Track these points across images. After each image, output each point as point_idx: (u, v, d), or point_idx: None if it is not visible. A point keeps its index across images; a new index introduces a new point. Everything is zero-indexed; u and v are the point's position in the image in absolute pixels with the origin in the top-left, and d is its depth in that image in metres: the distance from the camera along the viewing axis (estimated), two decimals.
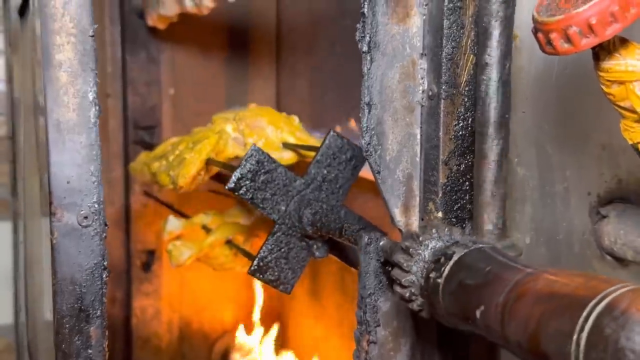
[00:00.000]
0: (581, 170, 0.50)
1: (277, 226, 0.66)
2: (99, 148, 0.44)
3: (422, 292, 0.42)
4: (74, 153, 0.43)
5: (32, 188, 0.69)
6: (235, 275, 1.49)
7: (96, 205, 0.44)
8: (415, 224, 0.50)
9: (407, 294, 0.44)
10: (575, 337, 0.30)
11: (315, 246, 0.66)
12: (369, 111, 0.48)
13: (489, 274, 0.36)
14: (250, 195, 0.64)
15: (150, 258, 1.42)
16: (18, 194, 1.19)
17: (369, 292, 0.49)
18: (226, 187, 0.63)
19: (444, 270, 0.40)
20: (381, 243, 0.49)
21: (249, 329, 1.46)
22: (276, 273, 0.66)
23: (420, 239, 0.45)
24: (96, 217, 0.44)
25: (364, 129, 0.48)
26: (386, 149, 0.49)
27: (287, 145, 0.75)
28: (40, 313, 0.54)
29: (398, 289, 0.45)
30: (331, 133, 0.64)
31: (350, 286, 1.17)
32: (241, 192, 0.63)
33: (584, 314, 0.30)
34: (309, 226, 0.62)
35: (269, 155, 0.64)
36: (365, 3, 0.48)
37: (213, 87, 1.43)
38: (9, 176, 2.43)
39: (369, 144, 0.48)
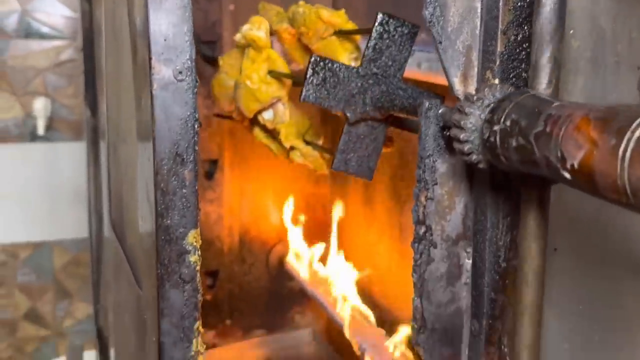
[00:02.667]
0: (632, 44, 0.53)
1: (348, 119, 0.70)
2: (190, 10, 0.50)
3: (480, 145, 0.47)
4: (170, 13, 0.49)
5: (120, 110, 0.75)
6: (292, 187, 1.56)
7: (189, 62, 0.50)
8: (472, 91, 0.54)
9: (466, 149, 0.48)
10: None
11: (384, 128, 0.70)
12: None
13: (547, 113, 0.40)
14: (322, 100, 0.67)
15: (213, 167, 1.50)
16: (98, 114, 1.27)
17: (427, 154, 0.54)
18: (301, 100, 0.67)
19: (499, 118, 0.45)
20: (440, 110, 0.54)
21: (304, 237, 1.53)
22: (357, 162, 0.71)
23: (475, 97, 0.49)
24: (189, 73, 0.50)
25: (427, 0, 0.52)
26: (448, 21, 0.53)
27: (338, 33, 0.78)
28: (134, 231, 0.61)
29: (457, 145, 0.49)
30: (380, 15, 0.66)
31: (402, 192, 1.22)
32: (311, 98, 0.67)
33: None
34: (375, 111, 0.67)
35: (328, 59, 0.68)
36: None
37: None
38: (79, 98, 2.54)
39: (432, 14, 0.52)
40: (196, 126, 0.50)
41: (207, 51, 1.43)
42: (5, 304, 2.53)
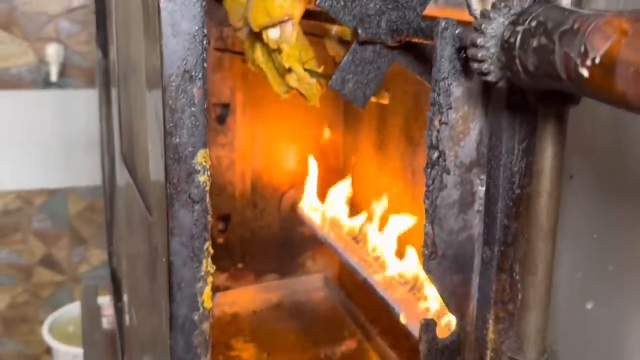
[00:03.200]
0: None
1: (357, 37, 0.68)
2: None
3: (499, 62, 0.45)
4: None
5: (129, 36, 0.74)
6: (305, 133, 1.55)
7: None
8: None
9: (484, 67, 0.47)
10: None
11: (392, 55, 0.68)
12: None
13: (578, 14, 0.38)
14: (337, 11, 0.65)
15: (224, 111, 1.49)
16: (109, 60, 1.25)
17: (442, 76, 0.53)
18: (316, 4, 0.65)
19: (525, 19, 0.43)
20: (457, 30, 0.52)
21: (315, 183, 1.53)
22: (354, 86, 0.69)
23: (492, 15, 0.47)
24: None
25: None
26: None
27: None
28: (145, 159, 0.60)
29: (475, 65, 0.48)
30: None
31: (415, 134, 1.21)
32: (326, 5, 0.65)
33: None
34: (387, 35, 0.65)
35: None
36: None
37: None
38: (91, 45, 2.51)
39: None
40: (205, 42, 0.49)
41: None
42: (21, 249, 2.57)
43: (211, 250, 0.53)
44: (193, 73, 0.49)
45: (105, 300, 1.61)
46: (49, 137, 2.53)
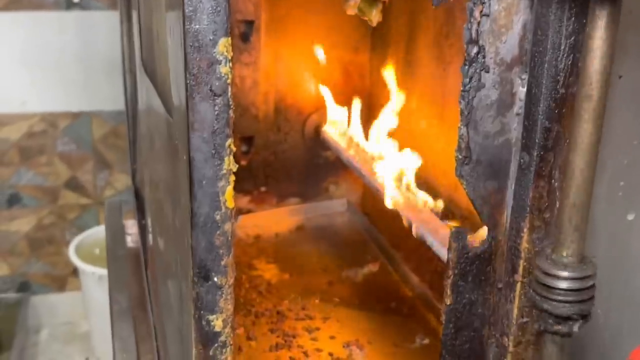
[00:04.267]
0: None
1: None
2: None
3: None
4: None
5: None
6: (330, 52, 1.51)
7: None
8: None
9: None
10: None
11: None
12: None
13: None
14: None
15: (248, 29, 1.45)
16: None
17: None
18: None
19: None
20: None
21: (339, 104, 1.49)
22: None
23: None
24: None
25: None
26: None
27: None
28: (164, 59, 0.57)
29: None
30: None
31: (446, 51, 1.16)
32: None
33: None
34: None
35: None
36: None
37: None
38: None
39: None
40: None
41: None
42: (47, 172, 2.59)
43: (233, 148, 0.51)
44: None
45: (130, 225, 1.62)
46: (72, 59, 2.51)
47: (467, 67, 0.50)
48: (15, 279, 2.66)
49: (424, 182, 1.25)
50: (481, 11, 0.49)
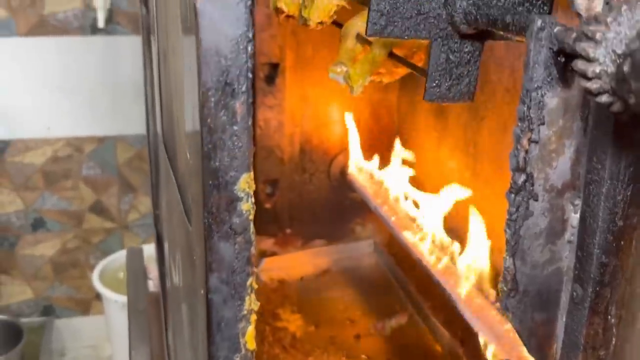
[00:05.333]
0: None
1: (432, 41, 0.60)
2: None
3: (618, 82, 0.36)
4: None
5: (167, 13, 0.66)
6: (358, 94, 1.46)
7: None
8: (599, 8, 0.42)
9: (595, 87, 0.38)
10: None
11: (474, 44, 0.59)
12: None
13: None
14: (395, 32, 0.57)
15: (273, 71, 1.41)
16: (149, 7, 1.18)
17: (535, 86, 0.43)
18: (366, 34, 0.57)
19: None
20: (556, 29, 0.42)
21: (367, 146, 1.44)
22: (452, 86, 0.60)
23: (608, 19, 0.38)
24: None
25: None
26: None
27: None
28: (183, 156, 0.54)
29: (583, 82, 0.39)
30: None
31: (481, 105, 1.11)
32: (383, 34, 0.57)
33: None
34: (463, 23, 0.56)
35: None
36: None
37: None
38: None
39: None
40: (249, 48, 0.41)
41: None
42: (72, 196, 2.58)
43: (255, 286, 0.47)
44: (236, 86, 0.41)
45: (150, 252, 1.58)
46: (97, 84, 2.49)
47: (513, 195, 0.46)
48: (39, 303, 2.66)
49: (454, 235, 1.20)
50: (529, 138, 0.44)
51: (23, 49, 2.43)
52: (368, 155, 1.43)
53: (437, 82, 0.61)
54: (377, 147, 1.42)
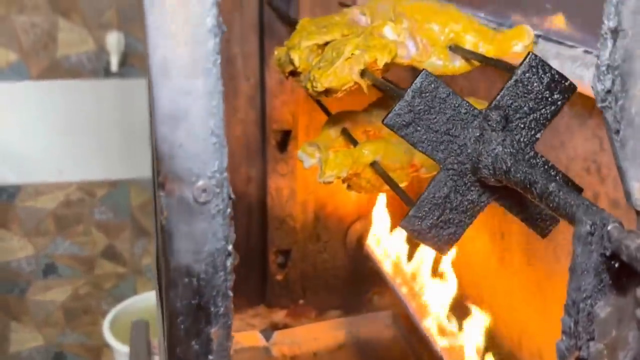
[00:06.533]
0: None
1: (443, 169, 0.52)
2: (220, 96, 0.31)
3: None
4: (187, 104, 0.31)
5: None
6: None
7: (218, 175, 0.32)
8: None
9: None
10: None
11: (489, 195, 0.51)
12: (615, 41, 0.31)
13: None
14: (413, 136, 0.50)
15: (285, 138, 1.34)
16: None
17: (584, 296, 0.35)
18: (383, 122, 0.50)
19: None
20: (609, 228, 0.34)
21: (387, 214, 1.36)
22: (435, 227, 0.53)
23: None
24: (218, 191, 0.32)
25: (603, 66, 0.31)
26: (632, 98, 0.32)
27: (457, 50, 0.58)
28: None
29: None
30: (531, 55, 0.47)
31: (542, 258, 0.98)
32: (401, 131, 0.50)
33: None
34: (487, 171, 0.48)
35: (442, 83, 0.49)
36: None
37: None
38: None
39: (608, 91, 0.32)
40: (229, 263, 0.33)
41: (283, 6, 1.23)
42: (83, 241, 2.52)
43: None
44: (211, 309, 0.33)
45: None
46: (110, 127, 2.44)
47: None
48: (50, 350, 2.60)
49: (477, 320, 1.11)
50: (577, 357, 0.36)
51: (34, 92, 2.39)
52: (389, 223, 1.34)
53: (422, 214, 0.54)
54: (397, 214, 1.33)
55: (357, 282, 1.47)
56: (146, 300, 2.46)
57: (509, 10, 0.78)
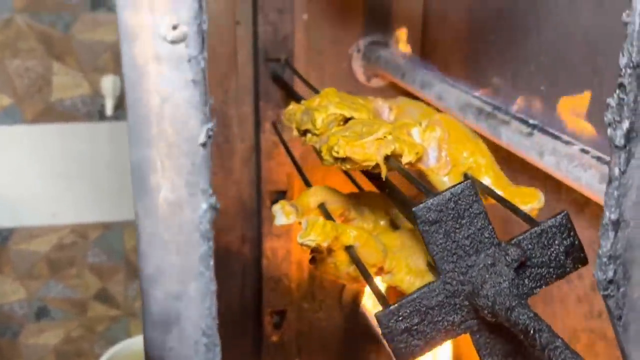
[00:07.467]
0: None
1: (441, 281, 0.51)
2: (214, 296, 0.30)
3: None
4: (178, 309, 0.29)
5: None
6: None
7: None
8: None
9: None
10: None
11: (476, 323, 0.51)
12: (616, 232, 0.31)
13: None
14: (431, 236, 0.49)
15: (280, 199, 1.33)
16: None
17: None
18: (413, 209, 0.49)
19: None
20: None
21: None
22: (407, 332, 0.51)
23: None
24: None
25: (604, 257, 0.31)
26: (635, 284, 0.32)
27: (474, 182, 0.57)
28: None
29: None
30: (566, 214, 0.47)
31: None
32: (423, 225, 0.49)
33: None
34: (485, 301, 0.47)
35: (480, 200, 0.49)
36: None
37: (350, 10, 1.25)
38: None
39: (610, 280, 0.31)
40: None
41: (278, 69, 1.24)
42: (76, 284, 2.50)
43: None
44: None
45: None
46: (104, 170, 2.44)
47: None
48: None
49: None
50: None
51: (29, 136, 2.39)
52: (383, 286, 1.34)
53: (402, 314, 0.51)
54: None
55: (353, 341, 1.45)
56: (139, 343, 2.42)
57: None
